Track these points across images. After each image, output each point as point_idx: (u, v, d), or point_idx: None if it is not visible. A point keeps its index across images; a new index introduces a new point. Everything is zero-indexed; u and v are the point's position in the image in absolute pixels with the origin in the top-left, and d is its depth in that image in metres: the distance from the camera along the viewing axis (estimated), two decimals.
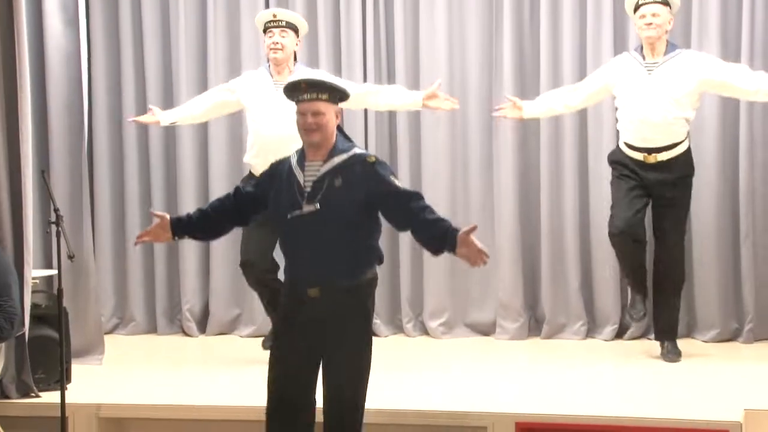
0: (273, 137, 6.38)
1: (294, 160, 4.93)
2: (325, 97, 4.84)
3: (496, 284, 7.75)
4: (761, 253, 7.39)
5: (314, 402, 4.95)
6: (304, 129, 4.85)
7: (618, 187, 6.70)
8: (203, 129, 8.02)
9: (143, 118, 7.00)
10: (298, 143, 5.18)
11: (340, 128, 4.93)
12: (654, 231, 6.74)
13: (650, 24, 6.45)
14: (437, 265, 7.75)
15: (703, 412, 5.50)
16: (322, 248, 4.80)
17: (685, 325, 7.41)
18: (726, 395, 5.85)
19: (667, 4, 6.51)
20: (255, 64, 7.69)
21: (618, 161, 6.70)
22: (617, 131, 6.87)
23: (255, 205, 5.02)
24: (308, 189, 4.81)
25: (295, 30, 6.71)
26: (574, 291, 7.62)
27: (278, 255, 5.73)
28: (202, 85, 7.95)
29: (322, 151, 4.85)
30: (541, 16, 7.60)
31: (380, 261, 4.97)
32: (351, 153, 4.87)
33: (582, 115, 7.52)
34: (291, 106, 6.00)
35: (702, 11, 7.34)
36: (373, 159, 4.88)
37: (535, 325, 7.78)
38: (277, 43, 6.62)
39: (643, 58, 6.55)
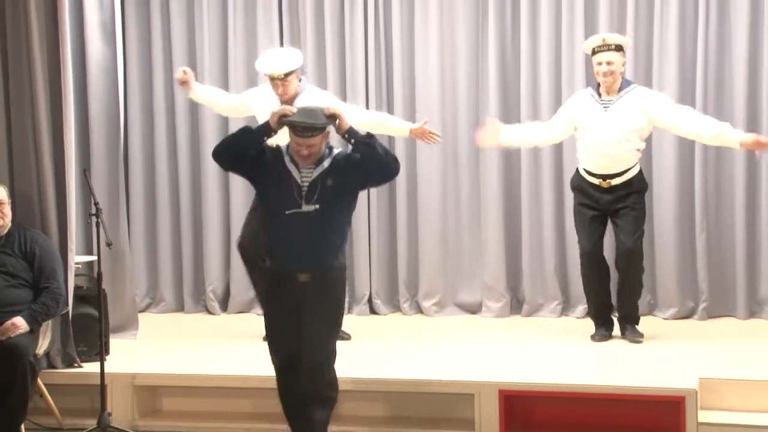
0: None
1: (287, 160, 4.99)
2: (317, 134, 4.90)
3: (482, 269, 7.75)
4: (713, 243, 7.40)
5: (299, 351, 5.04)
6: (299, 156, 4.92)
7: (579, 217, 6.67)
8: (224, 134, 7.98)
9: (184, 77, 6.83)
10: None
11: None
12: (615, 237, 6.67)
13: (606, 72, 6.40)
14: (431, 254, 7.80)
15: (663, 380, 5.53)
16: (314, 240, 4.90)
17: (647, 304, 7.43)
18: (683, 366, 5.86)
19: (620, 49, 6.45)
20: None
21: (577, 187, 6.67)
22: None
23: (252, 159, 5.01)
24: (305, 190, 4.89)
25: (294, 72, 6.57)
26: (550, 275, 7.63)
27: None
28: (222, 89, 7.92)
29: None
30: (521, 39, 7.60)
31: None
32: (332, 157, 4.99)
33: None
34: None
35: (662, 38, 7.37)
36: (345, 154, 5.02)
37: (516, 304, 7.77)
38: (282, 92, 6.49)
39: (599, 95, 6.48)
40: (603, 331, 6.66)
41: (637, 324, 6.67)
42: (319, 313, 4.95)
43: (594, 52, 6.48)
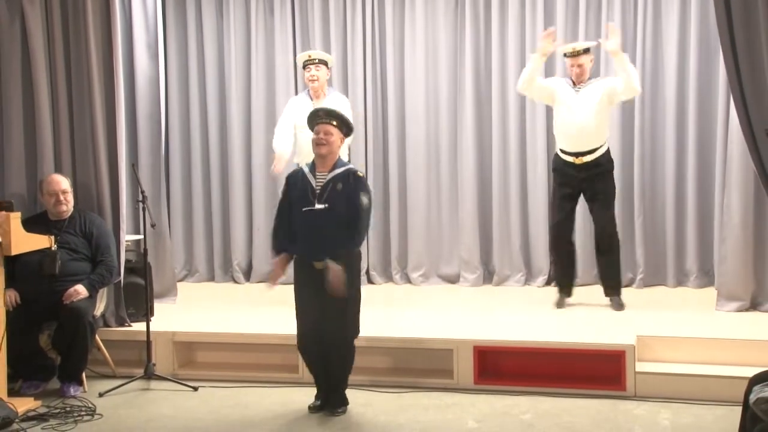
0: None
1: (307, 170, 5.06)
2: (334, 123, 4.96)
3: (460, 246, 7.76)
4: (648, 226, 7.41)
5: (321, 329, 5.08)
6: (316, 143, 4.98)
7: (556, 194, 6.62)
8: (247, 134, 8.03)
9: (277, 166, 6.69)
10: None
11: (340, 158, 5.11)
12: (591, 213, 6.61)
13: (577, 72, 6.40)
14: (418, 234, 7.81)
15: (608, 337, 5.57)
16: (325, 234, 4.93)
17: (594, 275, 7.46)
18: (623, 326, 5.89)
19: (588, 51, 6.45)
20: (285, 85, 7.76)
21: (557, 168, 6.60)
22: (553, 142, 6.77)
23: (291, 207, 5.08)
24: (318, 191, 4.94)
25: (326, 64, 6.68)
26: (516, 251, 7.64)
27: None
28: (246, 99, 7.99)
29: (327, 165, 5.00)
30: (492, 47, 7.59)
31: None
32: (347, 167, 5.05)
33: (522, 125, 7.56)
34: None
35: None
36: (360, 174, 5.03)
37: (488, 275, 7.76)
38: (314, 75, 6.58)
39: (573, 84, 6.46)
40: (564, 297, 6.63)
41: (619, 294, 6.56)
42: (338, 299, 4.96)
43: (567, 56, 6.49)
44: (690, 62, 7.24)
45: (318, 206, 4.95)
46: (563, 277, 6.72)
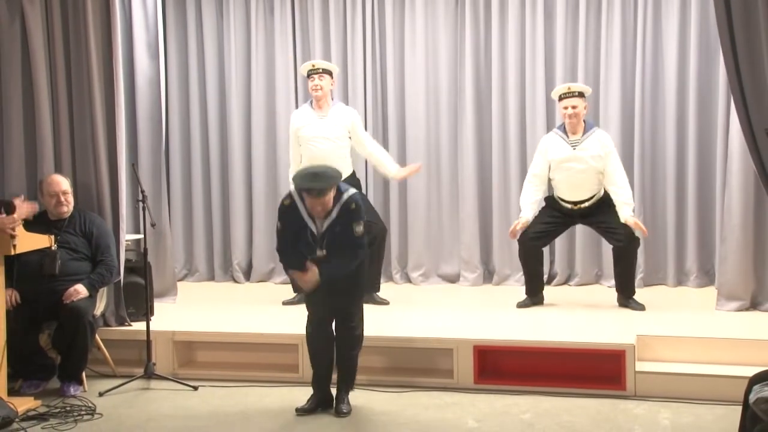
0: (318, 154, 6.40)
1: (303, 212, 4.95)
2: (328, 190, 4.85)
3: (460, 246, 7.76)
4: (648, 226, 7.33)
5: (332, 334, 5.12)
6: (314, 211, 4.89)
7: (540, 215, 6.57)
8: (247, 134, 8.03)
9: None
10: (336, 158, 5.27)
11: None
12: (606, 237, 6.55)
13: (571, 115, 6.33)
14: (418, 234, 7.82)
15: (608, 337, 5.56)
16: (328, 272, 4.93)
17: (594, 275, 7.49)
18: (623, 325, 5.89)
19: (582, 95, 6.38)
20: (285, 85, 7.76)
21: (550, 205, 6.59)
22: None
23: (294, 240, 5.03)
24: (319, 238, 4.93)
25: (330, 73, 6.63)
26: (515, 250, 7.51)
27: None
28: (246, 99, 7.99)
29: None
30: (492, 49, 7.60)
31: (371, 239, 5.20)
32: (341, 203, 4.92)
33: (522, 125, 7.56)
34: (330, 130, 6.17)
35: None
36: (353, 206, 4.93)
37: (488, 275, 7.77)
38: (317, 85, 6.53)
39: (567, 135, 6.39)
40: (528, 301, 6.61)
41: (633, 294, 6.55)
42: (347, 291, 5.02)
43: (561, 98, 6.40)
44: (690, 62, 7.23)
45: (320, 253, 4.95)
46: (530, 292, 6.68)
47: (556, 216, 6.56)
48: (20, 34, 6.10)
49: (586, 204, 6.45)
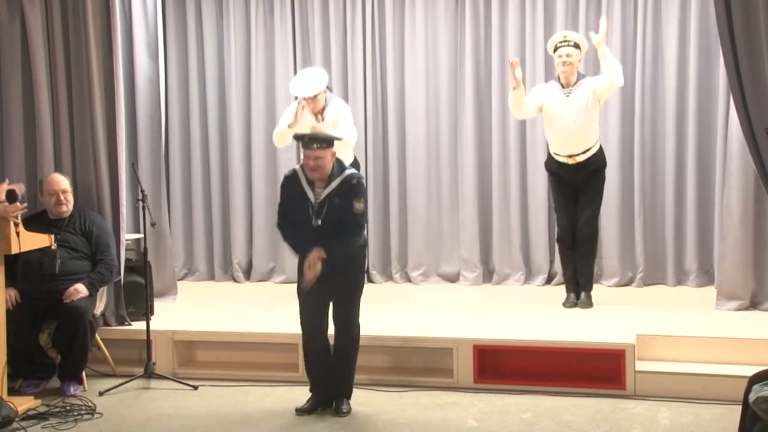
0: None
1: (303, 181, 4.97)
2: (324, 146, 4.88)
3: (460, 245, 7.75)
4: (648, 225, 7.41)
5: (327, 329, 5.10)
6: (309, 168, 4.91)
7: (556, 194, 6.59)
8: (247, 134, 8.02)
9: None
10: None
11: (337, 159, 5.01)
12: (577, 210, 6.55)
13: (565, 62, 6.34)
14: (418, 233, 7.80)
15: (608, 336, 5.56)
16: (328, 247, 4.86)
17: (594, 274, 7.48)
18: (623, 325, 5.88)
19: (578, 47, 6.37)
20: (285, 84, 7.73)
21: (551, 170, 6.59)
22: (546, 143, 6.73)
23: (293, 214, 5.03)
24: (316, 207, 4.91)
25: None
26: (515, 250, 7.63)
27: None
28: (246, 99, 7.99)
29: (323, 180, 4.94)
30: (492, 48, 7.58)
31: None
32: (342, 177, 4.95)
33: (522, 124, 7.56)
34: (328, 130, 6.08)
35: None
36: (354, 182, 4.94)
37: (487, 274, 7.75)
38: (313, 108, 6.43)
39: (562, 86, 6.40)
40: (573, 298, 6.59)
41: (591, 289, 6.60)
42: (346, 284, 5.00)
43: (556, 48, 6.40)
44: (690, 62, 7.23)
45: (316, 223, 4.93)
46: (570, 288, 6.68)
47: (565, 188, 6.50)
48: (20, 34, 6.10)
49: (581, 158, 6.40)
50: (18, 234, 4.99)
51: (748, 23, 5.00)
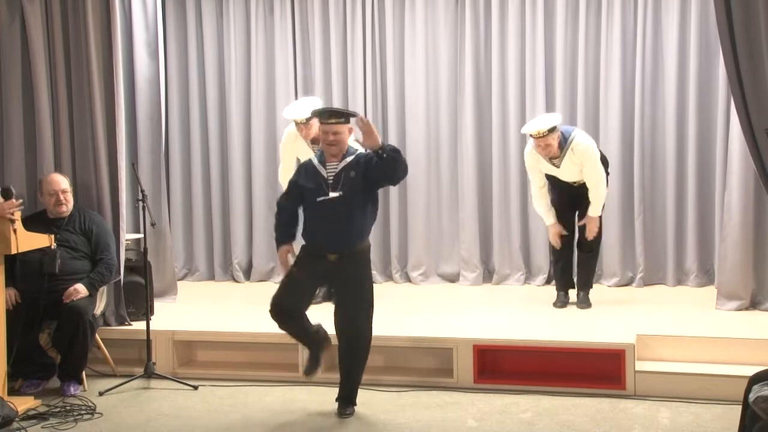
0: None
1: (316, 161, 5.02)
2: (342, 121, 4.92)
3: (460, 245, 7.75)
4: (648, 225, 7.42)
5: (303, 309, 5.03)
6: (327, 143, 4.95)
7: (557, 200, 6.56)
8: (247, 134, 8.01)
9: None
10: None
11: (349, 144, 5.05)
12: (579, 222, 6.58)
13: (545, 150, 6.23)
14: (418, 233, 7.81)
15: (608, 336, 5.57)
16: (340, 224, 4.89)
17: (594, 275, 7.50)
18: (623, 324, 5.89)
19: (552, 131, 6.16)
20: (285, 84, 7.76)
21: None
22: None
23: (300, 197, 5.04)
24: (331, 181, 4.90)
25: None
26: (515, 250, 7.64)
27: None
28: (246, 99, 7.99)
29: (338, 156, 4.94)
30: (492, 51, 7.58)
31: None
32: (357, 154, 4.99)
33: (522, 124, 7.51)
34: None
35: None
36: (368, 156, 4.93)
37: (487, 274, 7.76)
38: (306, 135, 6.43)
39: (549, 158, 6.32)
40: (562, 299, 6.62)
41: (590, 289, 6.64)
42: (352, 289, 4.98)
43: (532, 137, 6.29)
44: (690, 62, 7.23)
45: (333, 194, 4.91)
46: (561, 287, 6.72)
47: (562, 193, 6.52)
48: (20, 33, 6.11)
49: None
50: (15, 231, 4.98)
51: (748, 23, 4.99)
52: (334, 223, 4.90)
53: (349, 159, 4.96)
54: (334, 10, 7.82)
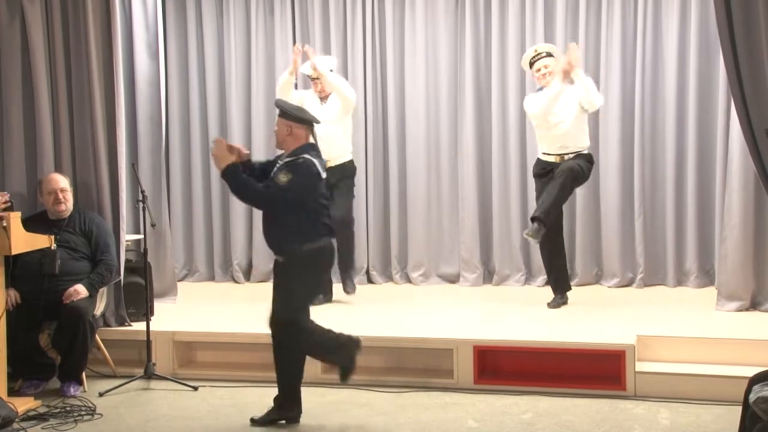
0: (323, 135, 6.11)
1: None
2: (284, 114, 4.88)
3: (460, 245, 7.76)
4: (648, 226, 7.44)
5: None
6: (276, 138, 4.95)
7: (538, 185, 6.62)
8: (247, 134, 8.02)
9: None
10: (339, 138, 5.98)
11: (311, 144, 4.87)
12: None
13: (545, 74, 6.36)
14: (418, 233, 7.82)
15: (608, 337, 5.56)
16: (271, 229, 4.85)
17: (594, 275, 7.50)
18: (623, 325, 5.89)
19: (551, 55, 6.42)
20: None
21: (537, 174, 6.61)
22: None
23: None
24: (270, 175, 4.85)
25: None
26: (516, 251, 7.65)
27: None
28: (246, 99, 8.01)
29: (287, 151, 4.88)
30: (492, 55, 7.61)
31: (330, 234, 4.83)
32: (294, 157, 4.78)
33: (521, 124, 7.56)
34: (330, 113, 6.42)
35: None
36: (300, 161, 4.73)
37: (488, 275, 7.77)
38: (321, 90, 6.80)
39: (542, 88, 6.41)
40: (559, 299, 6.64)
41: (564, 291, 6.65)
42: (281, 285, 4.85)
43: (532, 63, 6.45)
44: (690, 62, 7.24)
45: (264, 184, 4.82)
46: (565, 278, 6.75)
47: (544, 180, 6.52)
48: (20, 33, 6.11)
49: (569, 157, 6.44)
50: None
51: (748, 23, 4.99)
52: (267, 229, 4.87)
53: (286, 159, 4.81)
54: (334, 10, 7.83)
